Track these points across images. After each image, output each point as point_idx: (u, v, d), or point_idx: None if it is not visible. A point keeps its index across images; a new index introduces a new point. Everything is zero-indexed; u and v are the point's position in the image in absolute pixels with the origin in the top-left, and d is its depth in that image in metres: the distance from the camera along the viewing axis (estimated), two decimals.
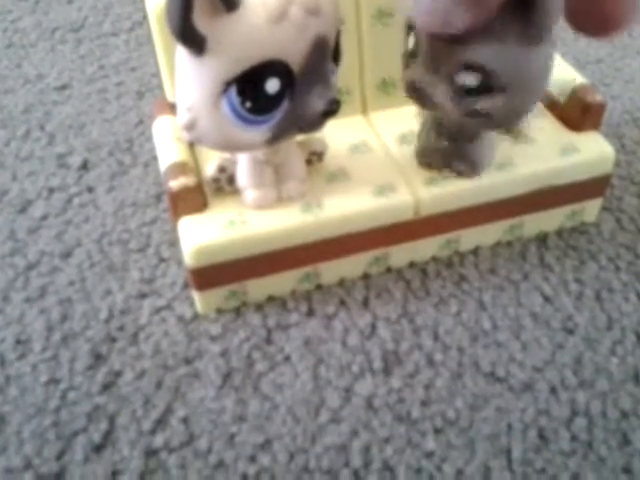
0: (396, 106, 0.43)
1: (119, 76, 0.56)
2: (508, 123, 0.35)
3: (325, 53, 0.32)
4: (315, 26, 0.30)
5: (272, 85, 0.31)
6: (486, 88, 0.32)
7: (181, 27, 0.28)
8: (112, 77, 0.56)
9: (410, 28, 0.34)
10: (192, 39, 0.29)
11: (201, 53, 0.30)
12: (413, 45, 0.34)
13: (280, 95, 0.31)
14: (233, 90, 0.30)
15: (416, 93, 0.34)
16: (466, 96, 0.32)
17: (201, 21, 0.28)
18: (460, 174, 0.38)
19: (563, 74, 0.42)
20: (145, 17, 0.39)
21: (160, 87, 0.41)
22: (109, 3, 0.65)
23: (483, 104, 0.32)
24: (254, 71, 0.30)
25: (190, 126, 0.32)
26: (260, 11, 0.29)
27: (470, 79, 0.32)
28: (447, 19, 0.29)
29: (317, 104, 0.32)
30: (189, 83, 0.31)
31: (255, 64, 0.30)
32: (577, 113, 0.41)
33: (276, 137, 0.33)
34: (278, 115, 0.32)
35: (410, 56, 0.34)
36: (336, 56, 0.33)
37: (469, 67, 0.31)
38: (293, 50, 0.30)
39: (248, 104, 0.31)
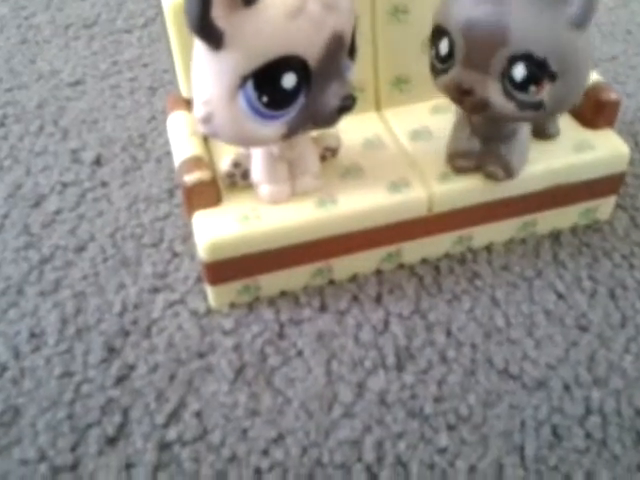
0: (409, 103, 0.43)
1: (132, 72, 0.57)
2: (559, 110, 0.35)
3: (341, 48, 0.32)
4: (332, 21, 0.30)
5: (288, 80, 0.31)
6: (536, 78, 0.32)
7: (200, 22, 0.28)
8: (125, 73, 0.56)
9: (441, 32, 0.34)
10: (210, 34, 0.29)
11: (219, 48, 0.30)
12: (447, 48, 0.33)
13: (296, 90, 0.31)
14: (250, 84, 0.31)
15: (465, 95, 0.33)
16: (518, 89, 0.32)
17: (219, 16, 0.29)
18: (493, 177, 0.38)
19: None
20: (158, 13, 0.39)
21: (173, 83, 0.41)
22: (122, 0, 0.66)
23: (538, 94, 0.32)
24: (271, 66, 0.30)
25: (206, 120, 0.32)
26: (278, 6, 0.29)
27: (521, 70, 0.32)
28: None
29: (332, 100, 0.32)
30: (206, 77, 0.31)
31: (272, 59, 0.30)
32: (592, 111, 0.41)
33: (291, 132, 0.33)
34: (294, 110, 0.32)
35: (443, 61, 0.34)
36: (352, 51, 0.33)
37: (518, 59, 0.31)
38: (310, 45, 0.30)
39: (265, 99, 0.31)
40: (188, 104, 0.38)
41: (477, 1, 0.32)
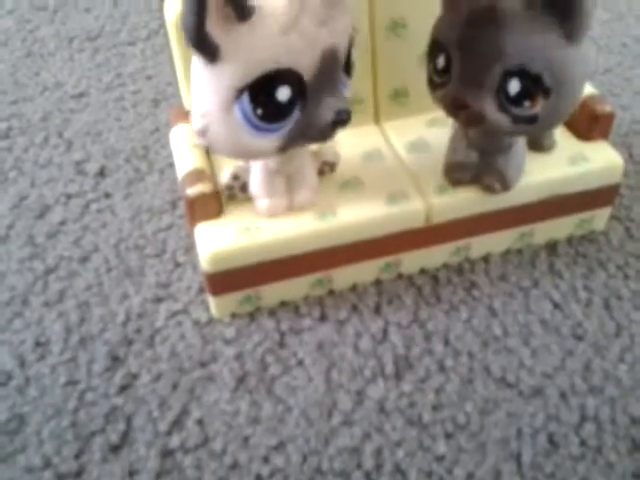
0: (408, 115, 0.44)
1: (135, 84, 0.57)
2: (554, 124, 0.35)
3: (336, 64, 0.33)
4: (326, 37, 0.31)
5: (283, 93, 0.31)
6: (530, 93, 0.32)
7: (195, 35, 0.29)
8: (129, 85, 0.57)
9: (438, 47, 0.34)
10: (206, 47, 0.30)
11: (214, 61, 0.30)
12: (444, 63, 0.34)
13: (291, 104, 0.32)
14: (245, 97, 0.31)
15: (460, 109, 0.34)
16: (513, 103, 0.33)
17: (214, 30, 0.29)
18: (490, 189, 0.38)
19: None
20: (161, 26, 0.40)
21: (176, 95, 0.42)
22: (126, 12, 0.67)
23: (532, 109, 0.32)
24: (266, 79, 0.31)
25: (203, 132, 0.33)
26: (271, 21, 0.30)
27: (515, 85, 0.32)
28: None
29: (327, 113, 0.33)
30: (203, 90, 0.32)
31: (267, 72, 0.31)
32: (586, 123, 0.41)
33: (286, 146, 0.33)
34: (289, 124, 0.33)
35: (440, 75, 0.34)
36: (348, 68, 0.34)
37: (512, 74, 0.32)
38: (304, 60, 0.31)
39: (260, 111, 0.32)
40: (191, 117, 0.39)
41: (473, 16, 0.32)
